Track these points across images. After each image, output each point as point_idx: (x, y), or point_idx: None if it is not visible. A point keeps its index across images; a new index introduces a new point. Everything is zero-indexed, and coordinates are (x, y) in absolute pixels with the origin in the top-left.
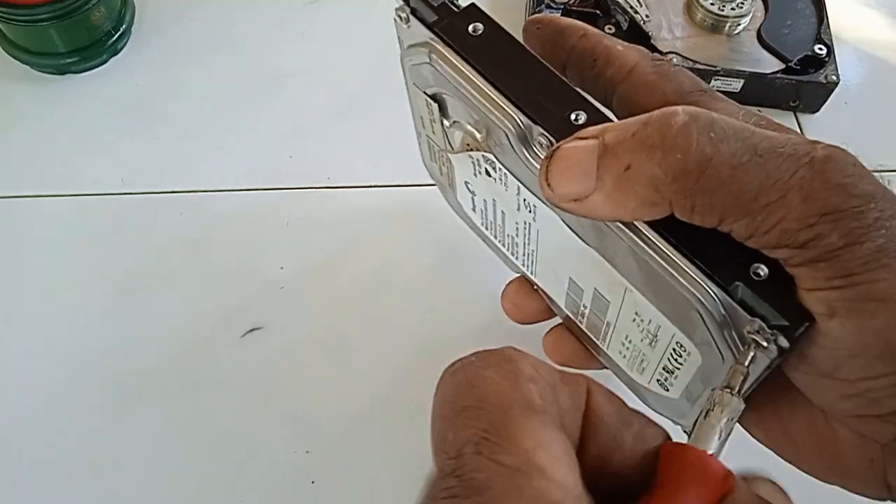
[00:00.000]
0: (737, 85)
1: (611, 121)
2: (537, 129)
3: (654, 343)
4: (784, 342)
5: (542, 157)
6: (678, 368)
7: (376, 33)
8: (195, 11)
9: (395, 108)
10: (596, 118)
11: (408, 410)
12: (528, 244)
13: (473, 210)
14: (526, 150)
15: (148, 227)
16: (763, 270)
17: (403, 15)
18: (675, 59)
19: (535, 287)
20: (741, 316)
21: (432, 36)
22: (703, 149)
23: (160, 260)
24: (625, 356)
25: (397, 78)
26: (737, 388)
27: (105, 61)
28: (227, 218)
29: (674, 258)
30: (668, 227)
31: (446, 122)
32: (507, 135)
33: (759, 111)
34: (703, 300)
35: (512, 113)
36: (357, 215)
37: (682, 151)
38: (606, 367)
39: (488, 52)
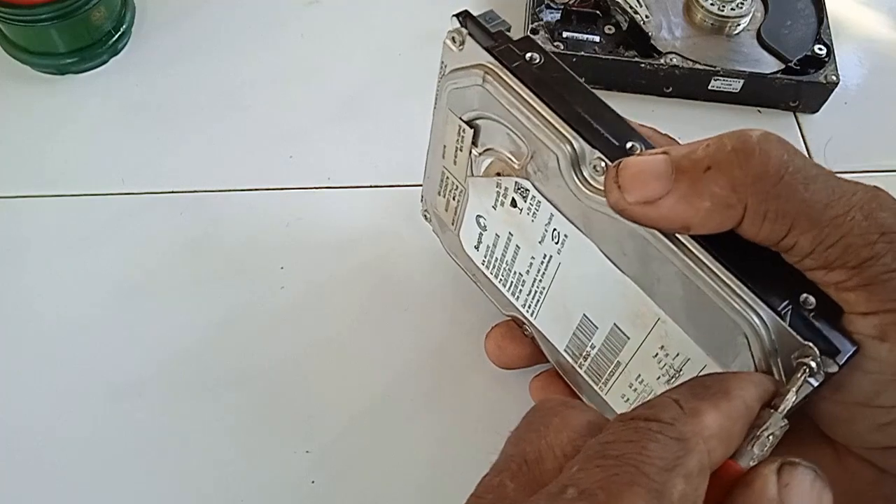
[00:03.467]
0: (736, 85)
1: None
2: (594, 153)
3: (674, 379)
4: (833, 367)
5: (595, 181)
6: None
7: (376, 33)
8: (195, 11)
9: (395, 108)
10: (650, 149)
11: (408, 411)
12: (540, 281)
13: (476, 247)
14: (575, 173)
15: (148, 227)
16: (811, 300)
17: (459, 38)
18: (674, 59)
19: (526, 332)
20: (791, 340)
21: (490, 59)
22: (782, 156)
23: (160, 260)
24: (627, 400)
25: (397, 78)
26: (783, 409)
27: (105, 61)
28: (227, 218)
29: (727, 280)
30: (721, 250)
31: (475, 151)
32: (557, 158)
33: (760, 111)
34: (753, 324)
35: (569, 136)
36: (357, 215)
37: (765, 155)
38: None
39: (545, 79)
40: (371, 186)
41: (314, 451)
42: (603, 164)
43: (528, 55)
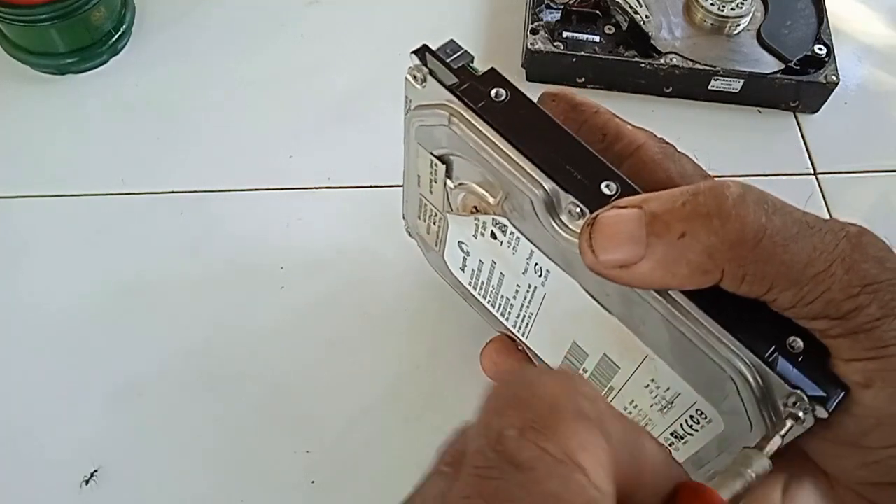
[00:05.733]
0: (736, 85)
1: (640, 192)
2: (568, 198)
3: (666, 409)
4: (822, 413)
5: (572, 225)
6: (692, 434)
7: (376, 33)
8: (195, 11)
9: (395, 109)
10: (626, 188)
11: (408, 411)
12: (528, 307)
13: (462, 270)
14: (552, 218)
15: (148, 227)
16: (798, 343)
17: (419, 75)
18: (674, 59)
19: (519, 346)
20: (779, 387)
21: (452, 98)
22: (760, 219)
23: (160, 260)
24: None
25: (397, 78)
26: (768, 451)
27: (105, 61)
28: (227, 218)
29: (711, 329)
30: (704, 299)
31: (450, 184)
32: (532, 201)
33: (760, 111)
34: (741, 371)
35: (540, 180)
36: (357, 215)
37: (741, 221)
38: None
39: (512, 118)
40: (371, 186)
41: (314, 451)
42: (578, 209)
43: (494, 91)
